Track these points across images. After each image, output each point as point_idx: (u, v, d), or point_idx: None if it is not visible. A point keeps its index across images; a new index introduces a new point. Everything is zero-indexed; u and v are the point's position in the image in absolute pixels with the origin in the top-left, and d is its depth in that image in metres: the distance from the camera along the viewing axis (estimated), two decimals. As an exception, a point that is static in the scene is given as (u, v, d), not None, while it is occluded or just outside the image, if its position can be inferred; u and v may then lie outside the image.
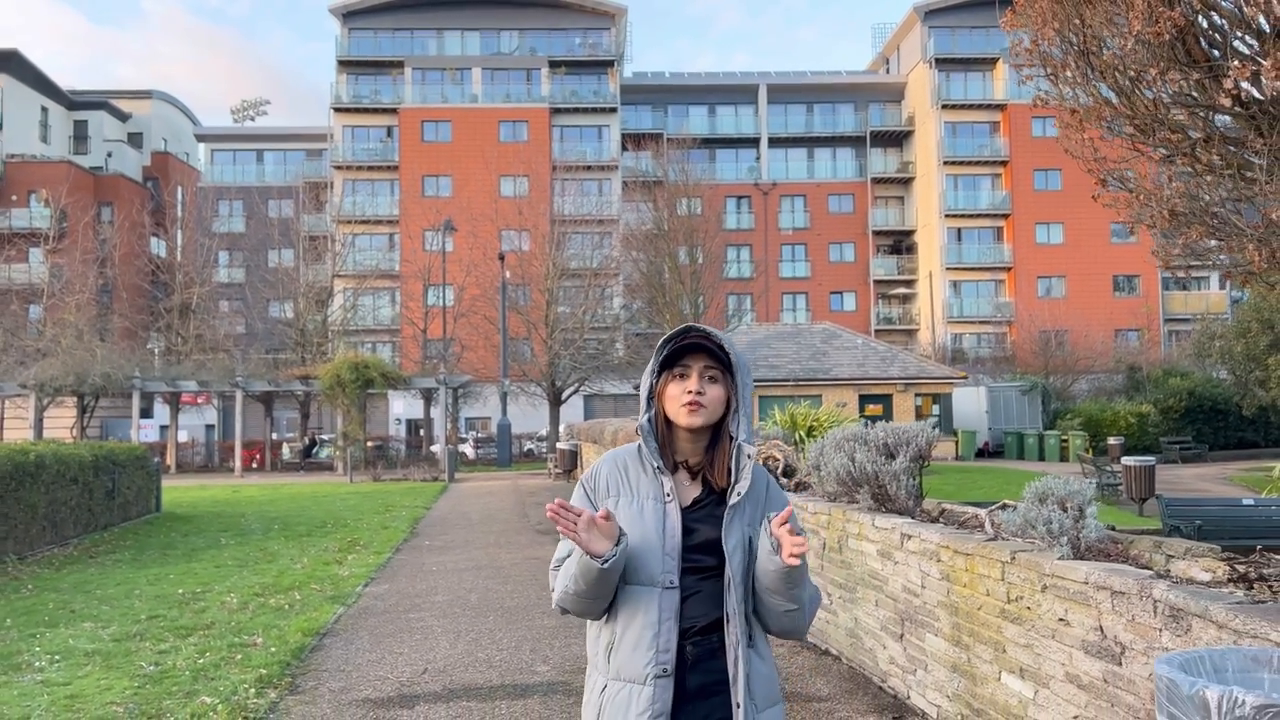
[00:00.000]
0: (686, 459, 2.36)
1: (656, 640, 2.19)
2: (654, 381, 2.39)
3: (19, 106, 52.70)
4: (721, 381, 2.34)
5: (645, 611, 2.21)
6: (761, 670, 2.26)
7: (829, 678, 6.13)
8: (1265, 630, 2.82)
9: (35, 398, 33.46)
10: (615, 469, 2.39)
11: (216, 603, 9.09)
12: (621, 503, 2.32)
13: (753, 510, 2.31)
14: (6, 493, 12.44)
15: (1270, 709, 2.11)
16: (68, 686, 6.21)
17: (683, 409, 2.30)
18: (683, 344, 2.34)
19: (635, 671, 2.20)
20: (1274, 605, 2.99)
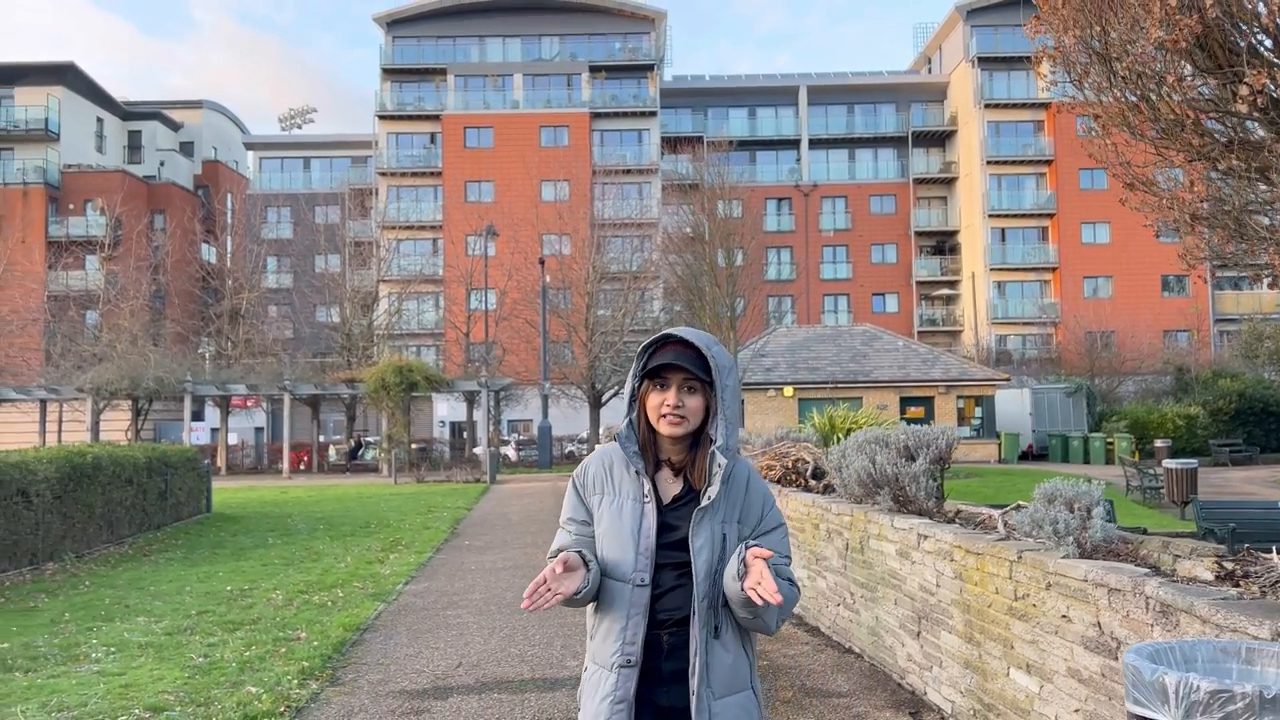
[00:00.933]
0: (670, 458, 2.44)
1: (623, 633, 2.32)
2: (636, 386, 2.46)
3: (76, 118, 54.22)
4: (701, 391, 2.40)
5: (617, 606, 2.34)
6: (724, 660, 2.32)
7: (850, 675, 6.27)
8: (1244, 624, 2.94)
9: (92, 401, 34.48)
10: (602, 467, 2.49)
11: (263, 599, 9.45)
12: (605, 501, 2.44)
13: (728, 509, 2.39)
14: (65, 493, 12.95)
15: (1223, 694, 2.25)
16: (122, 676, 6.55)
17: (663, 420, 2.38)
18: (662, 357, 2.39)
19: (605, 659, 2.35)
20: (1254, 601, 3.11)
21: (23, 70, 53.24)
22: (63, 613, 9.00)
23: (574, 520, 2.51)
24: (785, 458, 9.76)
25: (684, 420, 2.38)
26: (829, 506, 7.28)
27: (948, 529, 5.33)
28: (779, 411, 32.39)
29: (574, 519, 2.51)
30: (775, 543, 2.43)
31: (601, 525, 2.44)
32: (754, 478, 2.49)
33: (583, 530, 2.48)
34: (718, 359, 2.39)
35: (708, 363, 2.38)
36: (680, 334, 2.42)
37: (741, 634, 2.40)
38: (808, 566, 7.93)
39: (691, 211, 44.40)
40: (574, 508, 2.52)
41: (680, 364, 2.36)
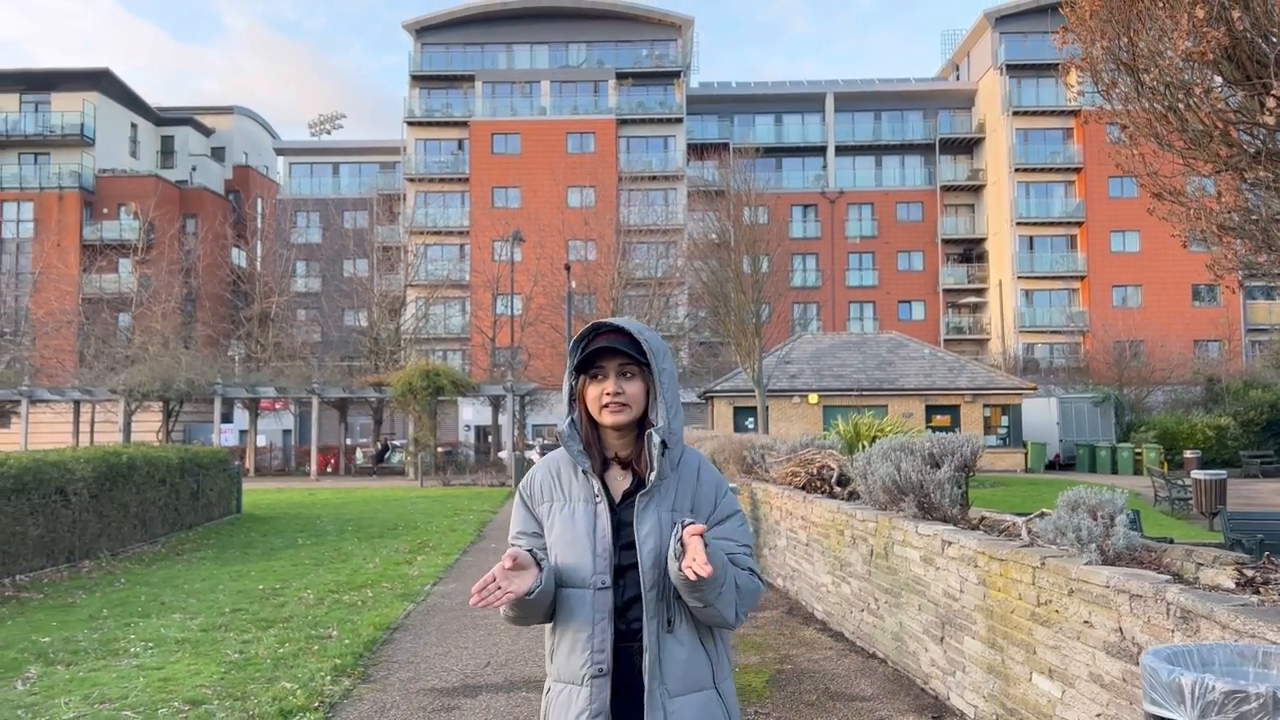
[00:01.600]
0: (616, 453, 2.36)
1: (591, 641, 2.21)
2: (573, 384, 2.38)
3: (110, 123, 55.10)
4: (639, 376, 2.33)
5: (580, 614, 2.23)
6: (678, 655, 2.22)
7: (873, 679, 6.33)
8: (1262, 630, 3.00)
9: (125, 402, 35.01)
10: (548, 474, 2.41)
11: (294, 598, 9.62)
12: (555, 508, 2.34)
13: (679, 498, 2.30)
14: (101, 492, 13.21)
15: (1237, 695, 2.32)
16: (161, 670, 6.72)
17: (604, 411, 2.30)
18: (595, 345, 2.33)
19: (573, 673, 2.23)
20: (1273, 608, 3.16)
21: (60, 76, 54.20)
22: (100, 609, 9.21)
23: (524, 534, 2.38)
24: (810, 464, 9.83)
25: (626, 407, 2.30)
26: (854, 513, 7.34)
27: (972, 535, 5.39)
28: (803, 419, 32.37)
29: (524, 532, 2.39)
30: (731, 530, 2.35)
31: (554, 533, 2.32)
32: (705, 465, 2.41)
33: (534, 543, 2.35)
34: (650, 342, 2.33)
35: (641, 347, 2.32)
36: (610, 322, 2.37)
37: (700, 629, 2.28)
38: (832, 572, 7.99)
39: (717, 218, 44.58)
40: (523, 520, 2.40)
41: (615, 347, 2.30)
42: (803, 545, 8.96)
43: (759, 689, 6.10)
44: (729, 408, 33.61)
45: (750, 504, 11.12)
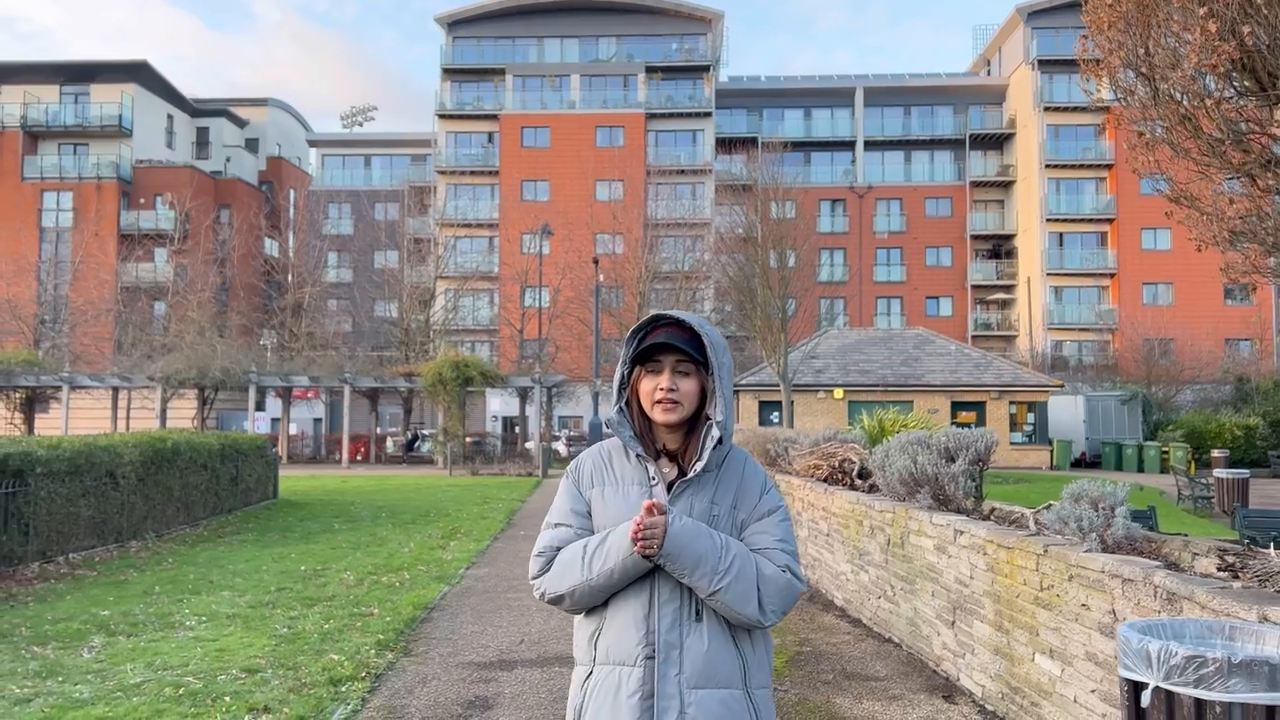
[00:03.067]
0: (665, 444, 2.36)
1: (647, 621, 2.20)
2: (625, 372, 2.38)
3: (147, 114, 56.04)
4: (695, 374, 2.33)
5: (635, 594, 2.22)
6: (698, 647, 2.19)
7: (888, 661, 6.65)
8: (1235, 609, 3.30)
9: (161, 389, 35.79)
10: (599, 459, 2.41)
11: (335, 579, 10.06)
12: (607, 491, 2.34)
13: (722, 491, 2.31)
14: (148, 476, 13.74)
15: (1196, 659, 2.64)
16: (216, 642, 7.16)
17: (657, 406, 2.30)
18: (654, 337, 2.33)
19: (625, 654, 2.20)
20: (1246, 590, 3.46)
21: (99, 68, 55.21)
22: (153, 585, 9.69)
23: (575, 512, 2.36)
24: (832, 457, 10.12)
25: (678, 405, 2.30)
26: (872, 504, 7.65)
27: (982, 525, 5.69)
28: (828, 413, 32.58)
29: (575, 510, 2.36)
30: (770, 525, 2.33)
31: (608, 514, 2.31)
32: (750, 462, 2.42)
33: (584, 524, 2.34)
34: (711, 337, 2.33)
35: (702, 342, 2.33)
36: (671, 315, 2.36)
37: (734, 628, 2.24)
38: (852, 561, 8.30)
39: (745, 212, 44.80)
40: (573, 499, 2.38)
41: (673, 343, 2.29)
42: (824, 535, 9.27)
43: (778, 668, 6.43)
44: (754, 402, 33.87)
45: (773, 495, 11.44)
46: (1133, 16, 7.31)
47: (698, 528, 2.19)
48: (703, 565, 2.15)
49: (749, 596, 2.19)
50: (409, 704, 5.69)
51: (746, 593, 2.18)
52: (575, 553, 2.26)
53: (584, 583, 2.22)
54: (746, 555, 2.23)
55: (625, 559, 2.17)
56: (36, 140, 54.34)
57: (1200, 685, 2.62)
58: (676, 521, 2.17)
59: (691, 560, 2.15)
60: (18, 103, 53.89)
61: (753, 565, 2.22)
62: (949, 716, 5.41)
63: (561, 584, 2.25)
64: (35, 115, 53.92)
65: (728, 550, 2.20)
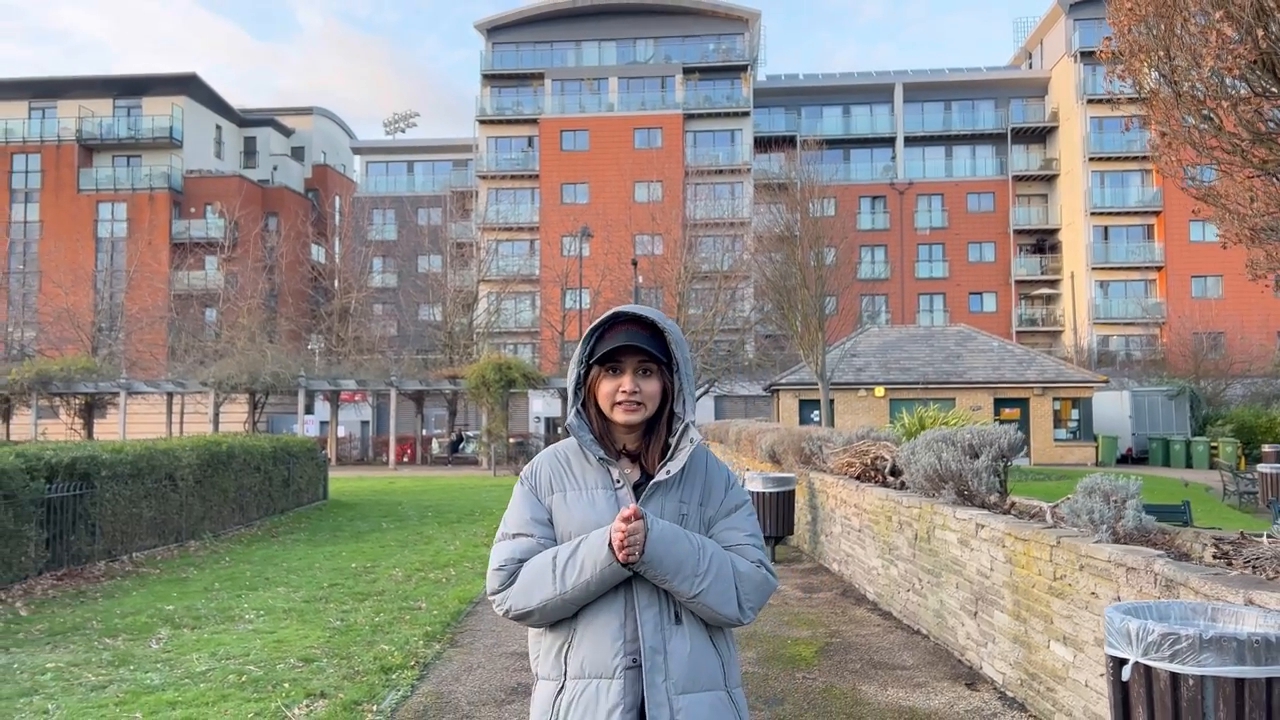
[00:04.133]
0: (625, 446, 2.30)
1: (623, 631, 2.12)
2: (581, 372, 2.30)
3: (197, 125, 57.45)
4: (657, 373, 2.26)
5: (609, 603, 2.14)
6: (681, 649, 2.13)
7: (915, 652, 6.87)
8: (1224, 593, 3.51)
9: (214, 394, 36.76)
10: (557, 462, 2.31)
11: (385, 575, 10.47)
12: (570, 496, 2.25)
13: (688, 490, 2.26)
14: (205, 478, 14.29)
15: (1170, 635, 2.86)
16: (274, 634, 7.56)
17: (618, 408, 2.23)
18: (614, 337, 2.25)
19: (601, 666, 2.11)
20: (1236, 575, 3.66)
21: (150, 81, 56.70)
22: (212, 582, 10.16)
23: (535, 520, 2.24)
24: (864, 455, 10.33)
25: (641, 406, 2.23)
26: (900, 500, 7.86)
27: (1001, 519, 5.90)
28: (870, 411, 32.58)
29: (535, 519, 2.24)
30: (739, 521, 2.30)
31: (572, 522, 2.21)
32: (712, 458, 2.38)
33: (546, 533, 2.23)
34: (672, 333, 2.26)
35: (665, 339, 2.27)
36: (632, 311, 2.27)
37: (710, 630, 2.21)
38: (882, 556, 8.51)
39: (784, 211, 44.86)
40: (531, 507, 2.26)
41: (636, 344, 2.21)
42: (855, 531, 9.49)
43: (808, 658, 6.68)
44: (794, 400, 33.97)
45: (808, 493, 11.66)
46: (1152, 19, 7.44)
47: (674, 531, 2.13)
48: (683, 569, 2.10)
49: (729, 596, 2.15)
50: (456, 690, 6.03)
51: (726, 593, 2.15)
52: (543, 565, 2.14)
53: (556, 596, 2.11)
54: (722, 555, 2.19)
55: (603, 569, 2.08)
56: (91, 153, 55.96)
57: (1175, 660, 2.85)
58: (655, 526, 2.10)
59: (672, 565, 2.09)
60: (73, 117, 55.55)
61: (729, 564, 2.18)
62: (970, 702, 5.63)
63: (530, 599, 2.13)
64: (90, 129, 55.54)
65: (704, 551, 2.15)
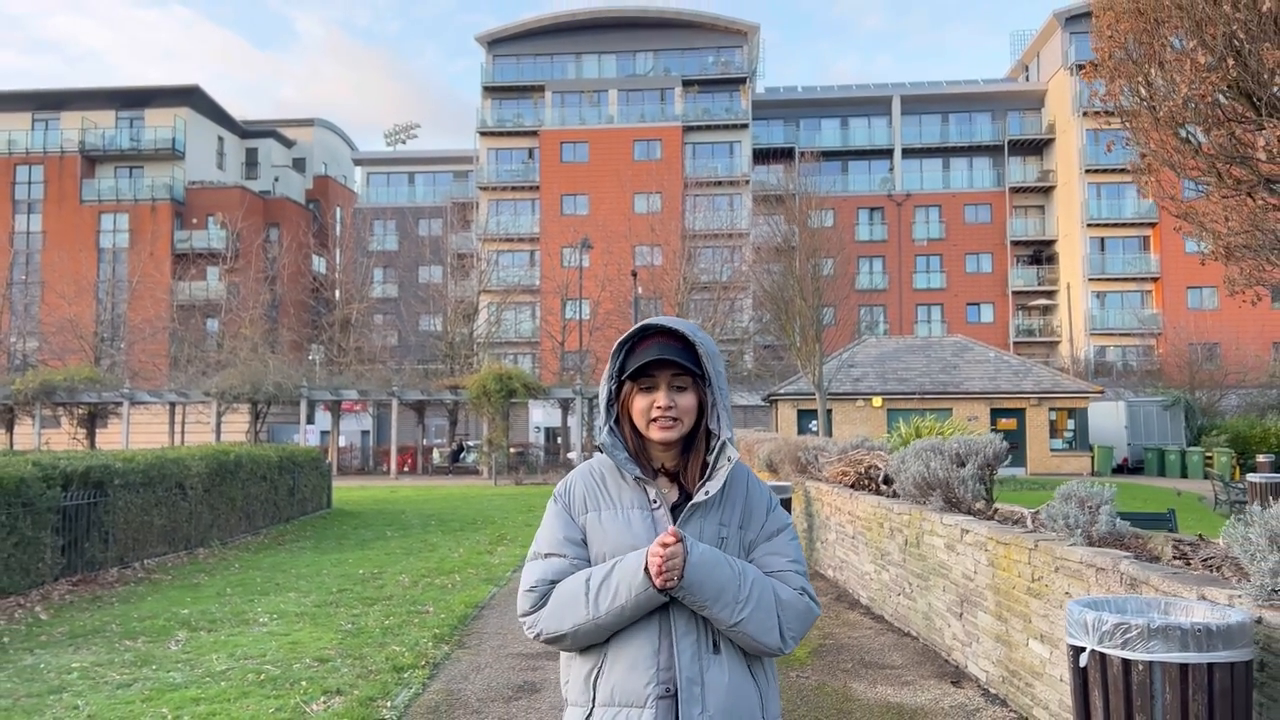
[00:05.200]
0: (663, 464, 2.22)
1: (657, 658, 2.04)
2: (613, 388, 2.23)
3: (199, 137, 57.87)
4: (692, 388, 2.18)
5: (644, 628, 2.06)
6: (720, 680, 2.05)
7: (904, 652, 7.16)
8: (1180, 589, 3.81)
9: (216, 404, 37.02)
10: (591, 479, 2.24)
11: (392, 581, 10.75)
12: (605, 516, 2.17)
13: (728, 512, 2.18)
14: (213, 487, 14.58)
15: (1123, 625, 3.17)
16: (288, 636, 7.85)
17: (653, 425, 2.16)
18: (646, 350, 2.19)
19: (633, 694, 2.03)
20: (1192, 573, 3.96)
21: (152, 93, 57.14)
22: (224, 588, 10.45)
23: (569, 541, 2.17)
24: (859, 464, 10.63)
25: (677, 423, 2.16)
26: (891, 507, 8.16)
27: (985, 524, 6.20)
28: (867, 421, 32.87)
29: (569, 539, 2.17)
30: (781, 545, 2.21)
31: (607, 543, 2.14)
32: (753, 478, 2.29)
33: (580, 554, 2.16)
34: (706, 346, 2.18)
35: (697, 352, 2.18)
36: (663, 323, 2.20)
37: (749, 657, 2.13)
38: (875, 561, 8.80)
39: (782, 222, 45.23)
40: (565, 526, 2.19)
41: (669, 357, 2.13)
42: (849, 538, 9.78)
43: (801, 658, 6.97)
44: (793, 410, 34.26)
45: (804, 501, 11.95)
46: (1132, 45, 7.78)
47: (715, 555, 2.06)
48: (723, 596, 2.03)
49: (770, 625, 2.08)
50: (465, 688, 6.32)
51: (768, 622, 2.07)
52: (576, 587, 2.07)
53: (589, 621, 2.03)
54: (764, 581, 2.11)
55: (639, 594, 2.01)
56: (94, 164, 56.36)
57: (1126, 647, 3.15)
58: (695, 550, 2.02)
59: (713, 591, 2.02)
60: (76, 128, 55.94)
61: (770, 591, 2.10)
62: (954, 699, 5.92)
63: (562, 623, 2.07)
64: (92, 140, 55.94)
65: (745, 577, 2.08)
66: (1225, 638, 3.10)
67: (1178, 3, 6.91)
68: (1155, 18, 7.39)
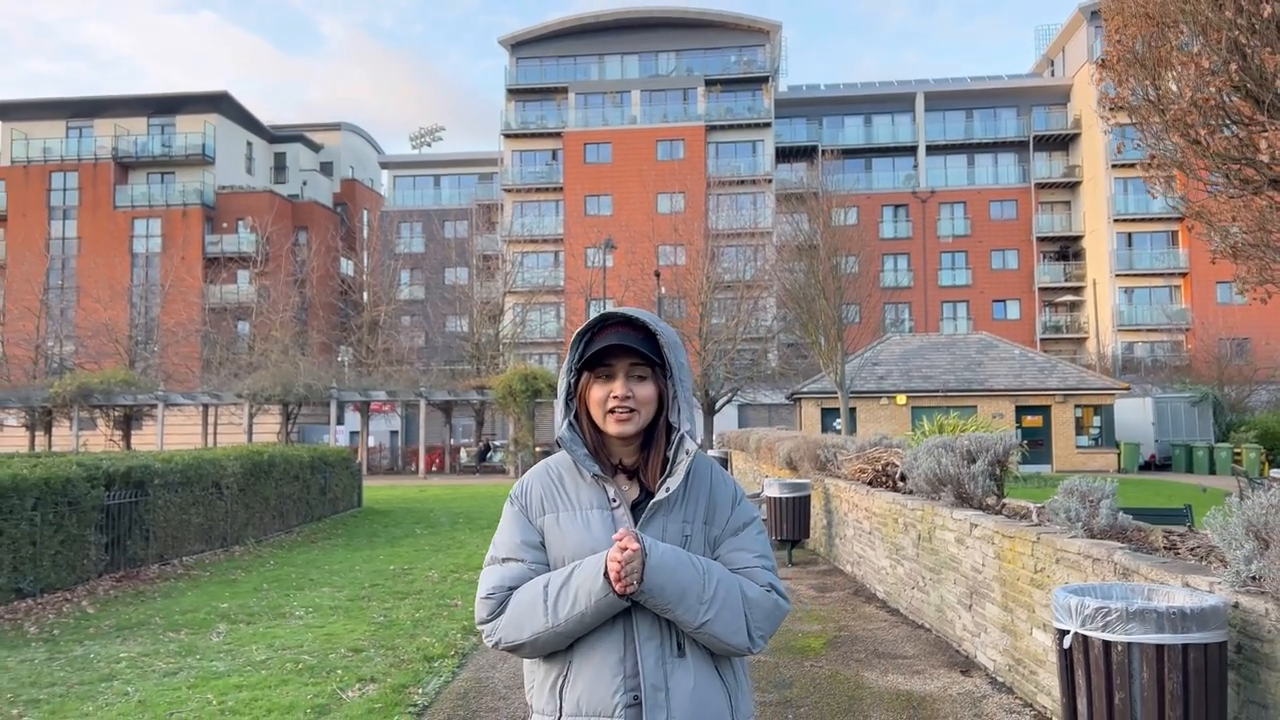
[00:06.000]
0: (621, 460, 2.14)
1: (623, 665, 1.97)
2: (572, 381, 2.15)
3: (228, 142, 58.74)
4: (652, 378, 2.10)
5: (608, 634, 1.99)
6: (684, 685, 1.98)
7: (917, 643, 7.38)
8: (1166, 577, 4.02)
9: (248, 406, 37.67)
10: (549, 479, 2.15)
11: (421, 576, 11.08)
12: (563, 518, 2.09)
13: (691, 508, 2.10)
14: (248, 486, 14.99)
15: (1103, 609, 3.39)
16: (323, 628, 8.18)
17: (610, 417, 2.07)
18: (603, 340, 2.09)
19: (600, 703, 1.96)
20: (1178, 562, 4.17)
21: (183, 100, 58.08)
22: (261, 583, 10.81)
23: (526, 545, 2.08)
24: (876, 461, 10.84)
25: (634, 414, 2.08)
26: (905, 503, 8.37)
27: (992, 518, 6.41)
28: (891, 419, 32.93)
29: (526, 542, 2.09)
30: (748, 540, 2.13)
31: (566, 546, 2.05)
32: (718, 471, 2.20)
33: (538, 558, 2.08)
34: (666, 335, 2.10)
35: (658, 342, 2.10)
36: (623, 312, 2.12)
37: (716, 660, 2.05)
38: (890, 556, 9.01)
39: (805, 221, 45.26)
40: (522, 529, 2.11)
41: (627, 344, 2.06)
42: (866, 534, 9.99)
43: (817, 649, 7.20)
44: (816, 409, 34.39)
45: (823, 498, 12.17)
46: (1141, 50, 7.94)
47: (677, 555, 1.99)
48: (686, 598, 1.95)
49: (738, 625, 2.00)
50: (493, 676, 6.61)
51: (735, 622, 2.00)
52: (534, 594, 2.01)
53: (549, 629, 1.97)
54: (730, 579, 2.03)
55: (599, 600, 1.94)
56: (127, 170, 57.38)
57: (1106, 629, 3.37)
58: (654, 551, 1.95)
59: (674, 593, 1.95)
60: (109, 135, 56.98)
61: (737, 589, 2.02)
62: (962, 686, 6.14)
63: (520, 631, 2.00)
64: (125, 147, 56.95)
65: (710, 576, 2.00)
66: (1199, 620, 3.31)
67: (1183, 8, 7.07)
68: (1162, 22, 7.55)
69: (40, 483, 10.01)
